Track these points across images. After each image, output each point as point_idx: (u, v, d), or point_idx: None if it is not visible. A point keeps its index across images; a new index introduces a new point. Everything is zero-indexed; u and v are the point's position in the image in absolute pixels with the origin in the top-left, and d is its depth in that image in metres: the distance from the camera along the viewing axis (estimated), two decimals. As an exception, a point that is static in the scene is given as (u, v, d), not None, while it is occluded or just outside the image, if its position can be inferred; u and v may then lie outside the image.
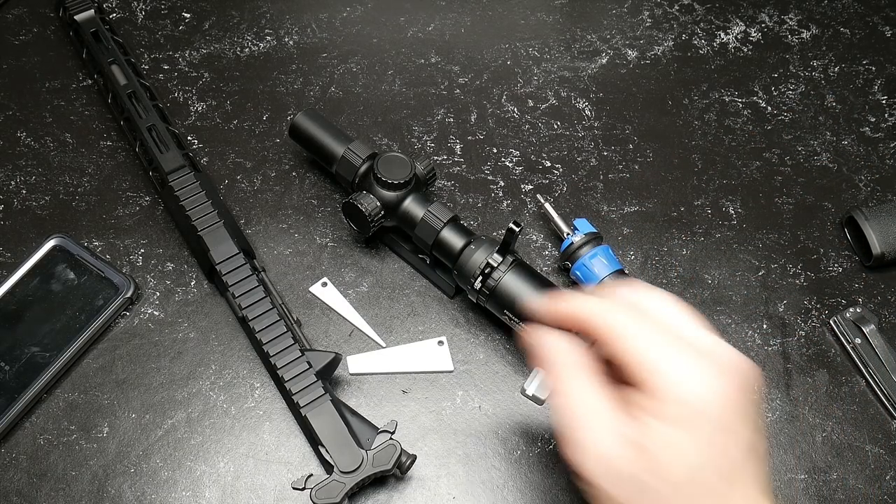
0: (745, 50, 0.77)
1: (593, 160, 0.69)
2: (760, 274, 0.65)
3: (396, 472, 0.53)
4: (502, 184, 0.68)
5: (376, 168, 0.59)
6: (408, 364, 0.59)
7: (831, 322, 0.62)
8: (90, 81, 0.71)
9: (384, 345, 0.60)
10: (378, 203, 0.59)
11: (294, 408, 0.55)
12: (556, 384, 0.37)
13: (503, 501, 0.55)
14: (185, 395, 0.58)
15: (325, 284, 0.62)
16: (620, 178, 0.69)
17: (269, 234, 0.64)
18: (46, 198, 0.65)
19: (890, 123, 0.73)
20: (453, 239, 0.58)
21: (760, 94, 0.74)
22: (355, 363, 0.59)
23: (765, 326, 0.63)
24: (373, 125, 0.70)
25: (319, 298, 0.61)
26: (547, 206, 0.63)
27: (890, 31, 0.78)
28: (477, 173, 0.68)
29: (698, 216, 0.67)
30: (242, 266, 0.58)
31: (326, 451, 0.52)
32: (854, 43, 0.78)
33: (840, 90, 0.75)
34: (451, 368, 0.59)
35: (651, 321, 0.33)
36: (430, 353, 0.60)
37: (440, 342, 0.60)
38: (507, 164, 0.69)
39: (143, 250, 0.63)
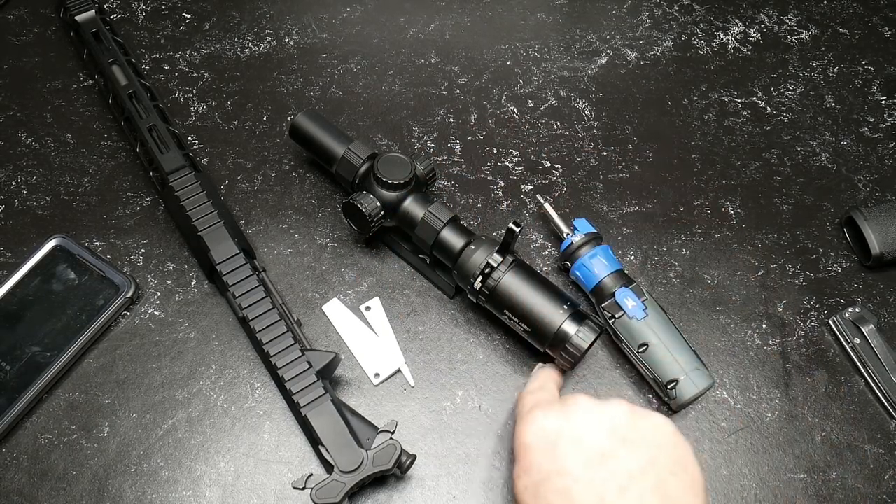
0: (745, 50, 0.77)
1: (593, 160, 0.69)
2: (760, 274, 0.65)
3: (396, 471, 0.53)
4: (502, 184, 0.68)
5: (376, 168, 0.59)
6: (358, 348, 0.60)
7: (830, 322, 0.63)
8: (91, 82, 0.71)
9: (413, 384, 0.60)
10: (378, 203, 0.59)
11: (294, 408, 0.55)
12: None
13: (503, 501, 0.55)
14: (186, 395, 0.58)
15: (368, 309, 0.62)
16: (620, 178, 0.69)
17: (269, 234, 0.65)
18: (47, 198, 0.65)
19: (889, 124, 0.73)
20: (453, 239, 0.58)
21: (760, 94, 0.74)
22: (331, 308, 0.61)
23: (764, 326, 0.63)
24: (373, 125, 0.70)
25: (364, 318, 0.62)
26: (547, 206, 0.63)
27: (889, 32, 0.79)
28: (477, 173, 0.68)
29: (698, 216, 0.67)
30: (243, 266, 0.58)
31: (326, 450, 0.52)
32: (853, 43, 0.78)
33: (839, 90, 0.75)
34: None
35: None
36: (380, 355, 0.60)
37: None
38: (507, 164, 0.69)
39: (143, 250, 0.63)
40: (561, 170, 0.69)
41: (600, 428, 0.46)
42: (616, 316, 0.58)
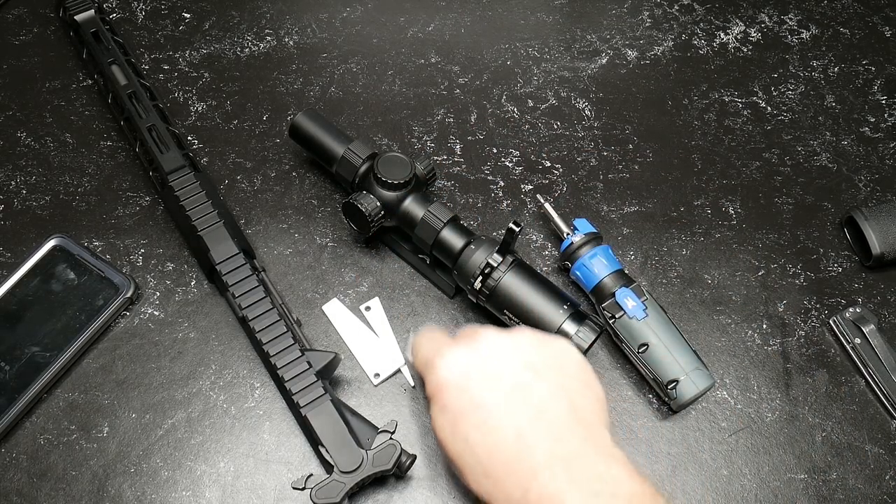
0: (745, 50, 0.77)
1: (593, 160, 0.69)
2: (760, 274, 0.65)
3: (396, 471, 0.53)
4: (502, 184, 0.68)
5: (376, 168, 0.59)
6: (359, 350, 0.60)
7: (831, 322, 0.63)
8: (90, 82, 0.71)
9: (412, 384, 0.60)
10: (378, 203, 0.59)
11: (294, 408, 0.55)
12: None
13: (503, 501, 0.55)
14: (185, 395, 0.58)
15: (368, 309, 0.62)
16: (620, 178, 0.69)
17: (269, 234, 0.64)
18: (47, 198, 0.65)
19: (889, 123, 0.73)
20: (453, 239, 0.58)
21: (760, 94, 0.74)
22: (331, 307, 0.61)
23: (764, 326, 0.63)
24: (373, 125, 0.70)
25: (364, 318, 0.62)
26: (547, 206, 0.63)
27: (889, 31, 0.79)
28: (477, 173, 0.68)
29: (698, 216, 0.67)
30: (242, 266, 0.58)
31: (326, 451, 0.52)
32: (854, 43, 0.78)
33: (840, 90, 0.75)
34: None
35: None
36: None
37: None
38: (507, 164, 0.69)
39: (143, 250, 0.63)
40: (561, 170, 0.69)
41: (512, 361, 0.47)
42: (616, 316, 0.58)
